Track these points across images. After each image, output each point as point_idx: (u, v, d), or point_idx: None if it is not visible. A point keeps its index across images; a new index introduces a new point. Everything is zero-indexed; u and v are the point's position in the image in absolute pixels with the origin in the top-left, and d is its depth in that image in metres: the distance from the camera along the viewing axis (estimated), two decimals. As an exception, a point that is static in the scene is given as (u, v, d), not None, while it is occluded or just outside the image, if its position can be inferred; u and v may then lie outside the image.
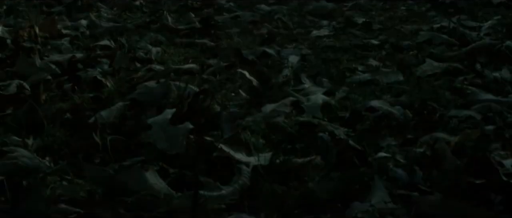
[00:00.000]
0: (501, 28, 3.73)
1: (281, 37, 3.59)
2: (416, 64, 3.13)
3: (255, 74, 2.73)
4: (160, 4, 4.35)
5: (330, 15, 4.03)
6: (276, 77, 2.83)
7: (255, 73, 2.76)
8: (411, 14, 4.09)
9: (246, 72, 2.70)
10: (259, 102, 2.48)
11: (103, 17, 4.09)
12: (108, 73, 3.00)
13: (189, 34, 3.71)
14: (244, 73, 2.69)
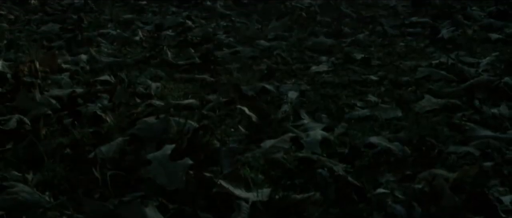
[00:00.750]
0: (499, 64, 3.74)
1: (281, 73, 3.60)
2: (414, 100, 3.14)
3: (255, 110, 2.74)
4: (160, 39, 4.36)
5: (329, 51, 4.05)
6: (275, 113, 2.84)
7: (255, 109, 2.77)
8: (410, 50, 4.10)
9: (245, 108, 2.71)
10: (258, 138, 2.49)
11: (103, 52, 4.11)
12: (108, 108, 3.00)
13: (189, 70, 3.72)
14: (244, 110, 2.70)
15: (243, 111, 2.70)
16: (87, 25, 4.78)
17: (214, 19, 4.82)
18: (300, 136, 2.53)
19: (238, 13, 4.96)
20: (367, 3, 5.17)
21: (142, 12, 5.12)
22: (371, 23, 4.62)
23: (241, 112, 2.75)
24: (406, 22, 4.66)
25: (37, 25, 4.84)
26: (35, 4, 5.44)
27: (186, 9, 5.15)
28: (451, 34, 4.30)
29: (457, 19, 4.64)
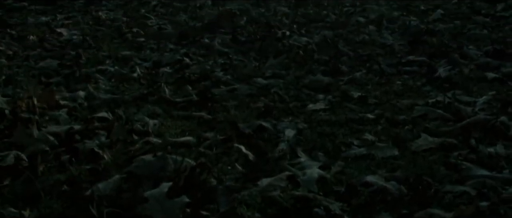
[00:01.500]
0: (496, 103, 3.76)
1: (278, 111, 3.61)
2: (411, 139, 3.15)
3: (252, 148, 2.75)
4: (158, 76, 4.38)
5: (326, 89, 4.06)
6: (272, 151, 2.85)
7: (252, 147, 2.78)
8: (407, 88, 4.12)
9: (242, 147, 2.72)
10: (255, 176, 2.49)
11: (101, 89, 4.12)
12: (105, 145, 3.01)
13: (186, 107, 3.73)
14: (241, 148, 2.71)
15: (240, 150, 2.71)
16: (85, 61, 4.79)
17: (212, 57, 4.84)
18: (297, 174, 2.54)
19: (236, 51, 4.98)
20: (364, 41, 5.19)
21: (140, 49, 5.13)
22: (368, 62, 4.65)
23: (238, 150, 2.76)
24: (403, 61, 4.68)
25: (36, 61, 4.85)
26: (34, 40, 5.46)
27: (184, 46, 5.17)
28: (447, 73, 4.32)
29: (454, 58, 4.66)
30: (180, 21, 5.88)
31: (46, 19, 6.21)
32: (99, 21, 6.04)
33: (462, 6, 6.49)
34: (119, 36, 5.50)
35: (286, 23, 5.76)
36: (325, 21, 5.87)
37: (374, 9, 6.35)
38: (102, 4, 6.82)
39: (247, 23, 5.74)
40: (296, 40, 5.12)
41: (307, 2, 6.62)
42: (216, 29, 5.59)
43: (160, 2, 6.78)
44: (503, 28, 5.65)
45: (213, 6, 6.61)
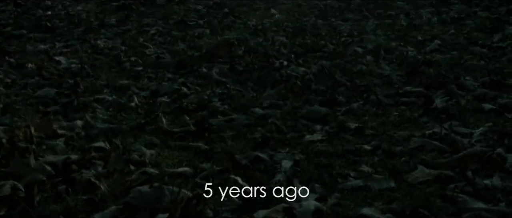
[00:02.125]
0: (492, 135, 3.77)
1: (275, 142, 3.62)
2: (408, 171, 3.16)
3: (248, 180, 2.75)
4: (156, 106, 4.39)
5: (323, 120, 4.07)
6: (268, 183, 2.85)
7: (248, 178, 2.78)
8: (404, 119, 4.13)
9: (238, 178, 2.72)
10: (251, 208, 2.49)
11: (99, 118, 4.13)
12: (102, 175, 3.02)
13: (184, 137, 3.74)
14: (237, 180, 2.71)
15: (237, 181, 2.72)
16: (83, 90, 4.80)
17: (210, 86, 4.85)
18: (293, 206, 2.54)
19: (234, 80, 4.99)
20: (361, 72, 5.20)
21: (138, 78, 5.14)
22: (365, 92, 4.66)
23: (234, 181, 2.77)
24: (400, 92, 4.69)
25: (34, 89, 4.86)
26: (33, 68, 5.47)
27: (182, 75, 5.18)
28: (444, 104, 4.33)
29: (451, 89, 4.67)
30: (179, 50, 5.90)
31: (45, 47, 6.22)
32: (98, 49, 6.06)
33: (459, 36, 6.51)
34: (117, 65, 5.52)
35: (284, 53, 5.78)
36: (322, 51, 5.89)
37: (372, 39, 6.38)
38: (101, 32, 6.84)
39: (245, 52, 5.76)
40: (294, 70, 5.13)
41: (305, 32, 6.64)
42: (214, 58, 5.61)
43: (159, 31, 6.79)
44: (500, 59, 5.66)
45: (212, 35, 6.63)
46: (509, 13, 7.62)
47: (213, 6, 8.13)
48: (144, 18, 7.49)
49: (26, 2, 8.54)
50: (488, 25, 7.01)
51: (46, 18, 7.54)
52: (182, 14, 7.60)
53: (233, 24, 7.13)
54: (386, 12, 7.74)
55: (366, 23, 7.18)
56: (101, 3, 8.51)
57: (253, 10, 7.91)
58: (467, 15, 7.55)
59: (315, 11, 7.83)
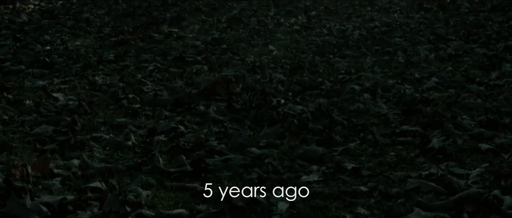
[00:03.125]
0: (489, 176, 3.77)
1: (271, 182, 3.62)
2: (404, 213, 3.16)
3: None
4: (152, 145, 4.39)
5: (320, 160, 4.08)
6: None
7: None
8: (400, 160, 4.14)
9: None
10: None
11: (96, 157, 4.13)
12: (98, 216, 3.02)
13: (180, 177, 3.74)
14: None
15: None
16: (80, 128, 4.81)
17: (207, 125, 4.86)
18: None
19: (231, 119, 5.00)
20: (359, 110, 5.22)
21: (135, 116, 5.15)
22: (362, 131, 4.66)
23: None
24: (397, 131, 4.70)
25: (31, 126, 4.86)
26: (30, 104, 5.48)
27: (180, 113, 5.19)
28: (441, 144, 4.34)
29: (448, 128, 4.68)
30: (176, 87, 5.91)
31: (43, 83, 6.24)
32: (96, 86, 6.07)
33: (456, 74, 6.54)
34: (115, 102, 5.53)
35: (281, 91, 5.79)
36: (320, 88, 5.91)
37: (369, 77, 6.40)
38: (99, 68, 6.86)
39: (243, 90, 5.78)
40: (291, 109, 5.14)
41: (302, 69, 6.66)
42: (212, 96, 5.62)
43: (157, 67, 6.82)
44: (497, 97, 5.68)
45: (210, 72, 6.65)
46: (506, 49, 7.65)
47: (211, 42, 8.16)
48: (143, 54, 7.51)
49: (25, 37, 8.57)
50: (486, 62, 7.04)
51: (44, 53, 7.56)
52: (181, 50, 7.63)
53: (231, 61, 7.16)
54: (384, 48, 7.77)
55: (363, 60, 7.21)
56: (99, 38, 8.55)
57: (251, 46, 7.94)
58: (464, 52, 7.58)
59: (313, 48, 7.86)
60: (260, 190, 3.43)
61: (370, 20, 9.66)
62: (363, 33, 8.71)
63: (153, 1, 11.29)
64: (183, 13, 10.06)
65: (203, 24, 9.33)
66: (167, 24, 9.27)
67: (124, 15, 10.05)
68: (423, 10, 10.47)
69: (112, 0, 11.17)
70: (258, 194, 3.35)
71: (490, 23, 9.22)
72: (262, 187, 3.49)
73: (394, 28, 9.04)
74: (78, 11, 10.30)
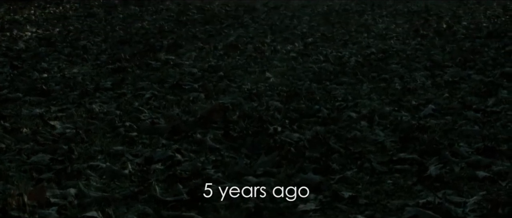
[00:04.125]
0: (487, 204, 3.77)
1: (268, 211, 3.62)
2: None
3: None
4: (149, 173, 4.39)
5: (317, 188, 4.07)
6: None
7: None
8: (398, 188, 4.13)
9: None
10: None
11: (92, 186, 4.13)
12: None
13: (176, 207, 3.74)
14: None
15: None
16: (77, 156, 4.80)
17: (204, 153, 4.85)
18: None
19: (228, 147, 4.99)
20: (355, 138, 5.21)
21: (132, 144, 5.15)
22: (359, 159, 4.66)
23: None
24: (394, 159, 4.70)
25: (28, 155, 4.86)
26: (27, 132, 5.48)
27: (177, 141, 5.19)
28: (438, 171, 4.34)
29: (445, 156, 4.68)
30: (173, 115, 5.91)
31: (40, 111, 6.24)
32: (93, 114, 6.07)
33: (453, 100, 6.54)
34: (112, 130, 5.52)
35: (278, 118, 5.79)
36: (317, 116, 5.91)
37: (366, 104, 6.41)
38: (96, 96, 6.86)
39: (240, 117, 5.78)
40: (288, 136, 5.14)
41: (299, 96, 6.67)
42: (209, 123, 5.62)
43: (154, 95, 6.82)
44: (494, 124, 5.68)
45: (206, 99, 6.65)
46: (503, 76, 7.66)
47: (208, 70, 8.17)
48: (140, 81, 7.52)
49: (23, 64, 8.58)
50: (482, 88, 7.05)
51: (42, 81, 7.56)
52: (178, 78, 7.64)
53: (228, 88, 7.16)
54: (380, 75, 7.78)
55: (360, 87, 7.22)
56: (96, 65, 8.56)
57: (248, 74, 7.95)
58: (461, 79, 7.59)
59: (310, 75, 7.87)
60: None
61: (366, 47, 9.68)
62: (359, 60, 8.72)
63: (150, 29, 11.32)
64: (180, 40, 10.07)
65: (200, 51, 9.34)
66: (164, 52, 9.29)
67: (121, 43, 10.06)
68: (419, 37, 10.50)
69: (109, 28, 11.20)
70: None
71: (487, 50, 9.24)
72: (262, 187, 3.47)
73: (390, 55, 9.05)
74: (75, 38, 10.31)
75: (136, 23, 11.89)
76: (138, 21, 12.18)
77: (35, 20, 12.04)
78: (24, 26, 11.37)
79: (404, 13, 13.29)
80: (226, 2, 14.91)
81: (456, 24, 11.78)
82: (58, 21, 12.01)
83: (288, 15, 13.10)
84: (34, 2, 13.99)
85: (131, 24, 11.78)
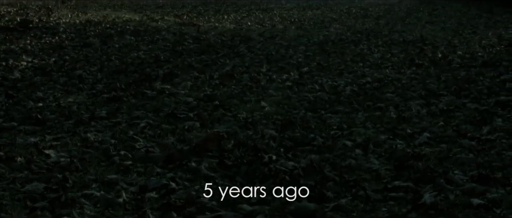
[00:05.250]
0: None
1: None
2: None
3: None
4: (144, 202, 4.37)
5: (312, 216, 4.06)
6: None
7: None
8: (392, 216, 4.12)
9: None
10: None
11: (86, 215, 4.11)
12: None
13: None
14: None
15: None
16: (71, 185, 4.79)
17: (198, 181, 4.85)
18: None
19: (222, 175, 4.99)
20: (350, 166, 5.22)
21: (127, 172, 5.14)
22: (354, 187, 4.66)
23: None
24: (389, 186, 4.70)
25: (22, 184, 4.85)
26: (22, 161, 5.46)
27: (171, 170, 5.18)
28: (433, 199, 4.33)
29: (440, 184, 4.68)
30: (168, 144, 5.91)
31: (35, 140, 6.22)
32: (87, 143, 6.06)
33: (448, 129, 6.55)
34: (107, 159, 5.52)
35: (273, 147, 5.79)
36: (312, 144, 5.91)
37: (361, 132, 6.41)
38: (91, 125, 6.85)
39: (235, 146, 5.78)
40: (283, 165, 5.14)
41: (294, 125, 6.67)
42: (204, 152, 5.62)
43: (149, 124, 6.81)
44: (489, 152, 5.69)
45: (202, 128, 6.65)
46: (497, 104, 7.68)
47: (203, 99, 8.17)
48: (135, 110, 7.51)
49: (18, 93, 8.58)
50: (477, 117, 7.07)
51: (37, 110, 7.56)
52: (173, 107, 7.64)
53: (223, 117, 7.17)
54: (376, 104, 7.80)
55: (355, 116, 7.23)
56: (92, 94, 8.55)
57: (243, 103, 7.95)
58: (456, 107, 7.61)
59: (305, 104, 7.88)
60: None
61: (362, 76, 9.70)
62: (355, 89, 8.74)
63: (146, 58, 11.35)
64: (176, 70, 10.09)
65: (195, 80, 9.35)
66: (159, 81, 9.29)
67: (116, 72, 10.07)
68: (414, 66, 10.54)
69: (105, 57, 11.22)
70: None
71: (481, 79, 9.27)
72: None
73: (386, 84, 9.07)
74: (71, 68, 10.33)
75: (132, 53, 11.91)
76: (134, 50, 12.20)
77: (31, 50, 12.05)
78: (20, 56, 11.37)
79: (399, 43, 13.34)
80: (222, 32, 14.96)
81: (451, 54, 11.83)
82: (54, 51, 12.03)
83: (284, 45, 13.13)
84: (30, 32, 14.02)
85: (127, 54, 11.80)
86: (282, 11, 20.84)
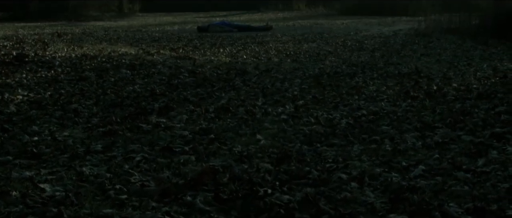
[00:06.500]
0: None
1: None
2: None
3: None
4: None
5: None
6: None
7: None
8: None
9: None
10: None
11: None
12: None
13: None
14: None
15: None
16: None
17: (194, 215, 4.84)
18: None
19: (218, 210, 4.98)
20: (346, 199, 5.21)
21: (122, 207, 5.13)
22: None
23: None
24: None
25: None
26: (17, 196, 5.45)
27: (167, 204, 5.18)
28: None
29: (435, 216, 4.68)
30: (163, 178, 5.90)
31: (30, 173, 6.22)
32: (83, 177, 6.06)
33: (443, 161, 6.56)
34: (102, 193, 5.51)
35: (268, 180, 5.79)
36: (307, 177, 5.91)
37: (357, 165, 6.41)
38: (87, 159, 6.85)
39: (230, 180, 5.77)
40: (278, 198, 5.14)
41: (290, 158, 6.68)
42: (199, 186, 5.62)
43: (144, 158, 6.81)
44: (484, 184, 5.70)
45: (197, 162, 6.65)
46: (493, 136, 7.69)
47: (199, 132, 8.18)
48: (130, 144, 7.52)
49: (13, 127, 8.57)
50: (472, 149, 7.08)
51: (32, 144, 7.56)
52: (168, 141, 7.65)
53: (219, 151, 7.17)
54: (371, 137, 7.80)
55: (351, 149, 7.23)
56: (87, 128, 8.55)
57: (238, 136, 7.96)
58: (451, 140, 7.62)
59: (300, 137, 7.89)
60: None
61: (357, 109, 9.72)
62: (350, 121, 8.76)
63: (141, 92, 11.37)
64: (171, 103, 10.10)
65: (191, 114, 9.36)
66: (155, 114, 9.30)
67: (112, 106, 10.09)
68: (410, 98, 10.56)
69: (101, 91, 11.24)
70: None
71: (477, 111, 9.29)
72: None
73: (381, 117, 9.09)
74: (67, 102, 10.34)
75: (128, 87, 11.93)
76: (130, 84, 12.22)
77: (27, 84, 12.07)
78: (15, 90, 11.39)
79: (394, 75, 13.38)
80: (217, 65, 15.00)
81: (447, 86, 11.86)
82: (50, 84, 12.04)
83: (279, 78, 13.16)
84: (26, 66, 14.05)
85: (122, 88, 11.82)
86: (278, 44, 20.92)
